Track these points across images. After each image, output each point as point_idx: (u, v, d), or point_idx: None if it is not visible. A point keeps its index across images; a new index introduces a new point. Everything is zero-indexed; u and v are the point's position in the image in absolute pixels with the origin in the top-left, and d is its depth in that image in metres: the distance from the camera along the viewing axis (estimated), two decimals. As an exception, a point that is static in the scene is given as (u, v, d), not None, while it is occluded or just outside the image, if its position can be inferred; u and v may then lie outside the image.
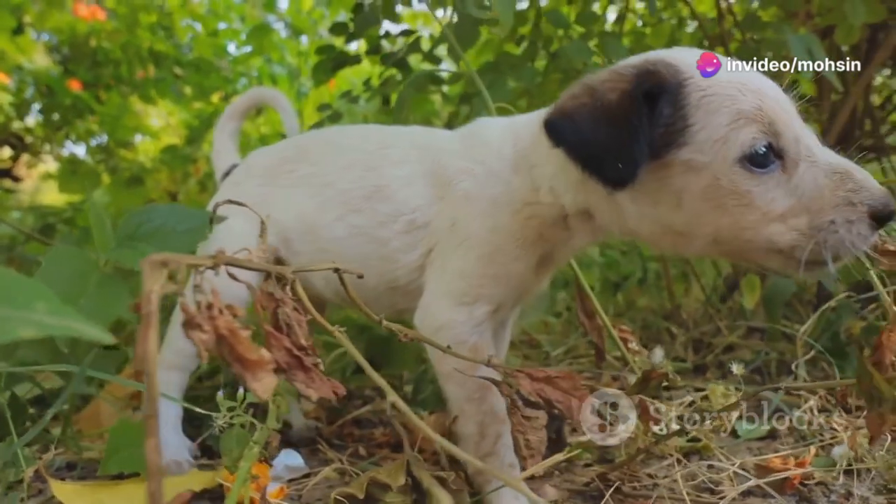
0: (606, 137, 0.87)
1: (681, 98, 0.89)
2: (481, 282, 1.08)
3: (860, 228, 0.87)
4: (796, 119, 0.92)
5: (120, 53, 3.41)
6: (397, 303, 1.21)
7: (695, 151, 0.88)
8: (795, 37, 1.75)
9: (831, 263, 0.87)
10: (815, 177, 0.88)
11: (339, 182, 1.24)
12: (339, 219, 1.22)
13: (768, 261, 0.92)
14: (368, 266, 1.19)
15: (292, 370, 0.62)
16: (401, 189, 1.17)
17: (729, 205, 0.89)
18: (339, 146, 1.31)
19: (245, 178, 1.40)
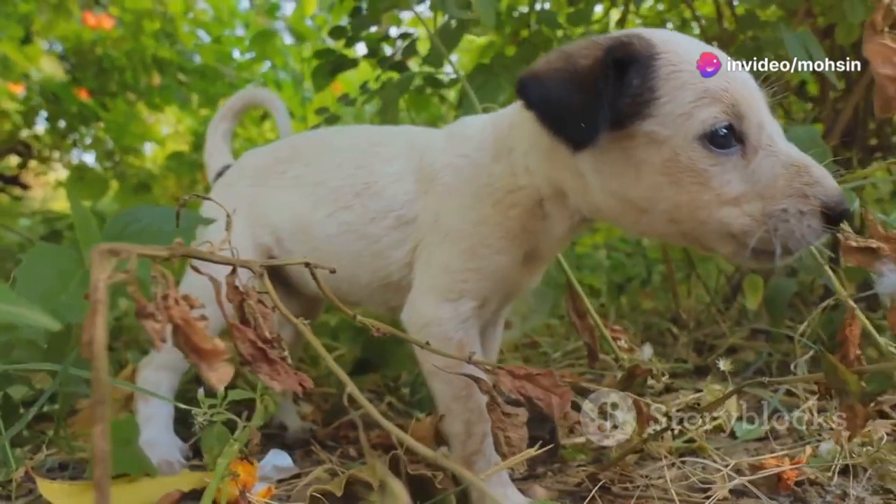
0: (572, 99, 0.89)
1: (651, 71, 0.90)
2: (465, 276, 1.08)
3: (811, 221, 0.87)
4: (763, 108, 0.92)
5: (125, 61, 3.44)
6: (390, 299, 1.22)
7: (658, 124, 0.89)
8: (792, 35, 1.74)
9: (779, 252, 0.88)
10: (772, 165, 0.89)
11: (331, 180, 1.25)
12: (330, 216, 1.23)
13: (721, 245, 0.92)
14: (361, 263, 1.20)
15: (257, 362, 0.62)
16: (390, 185, 1.18)
17: (685, 181, 0.90)
18: (331, 145, 1.32)
19: (237, 179, 1.41)
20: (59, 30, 3.76)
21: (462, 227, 1.09)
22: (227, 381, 0.52)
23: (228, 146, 1.62)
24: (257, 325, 0.63)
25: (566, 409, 0.89)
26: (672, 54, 0.91)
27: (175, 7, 3.76)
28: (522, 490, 1.13)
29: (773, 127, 0.92)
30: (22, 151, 3.68)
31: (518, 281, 1.16)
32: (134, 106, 3.92)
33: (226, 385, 0.52)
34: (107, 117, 3.60)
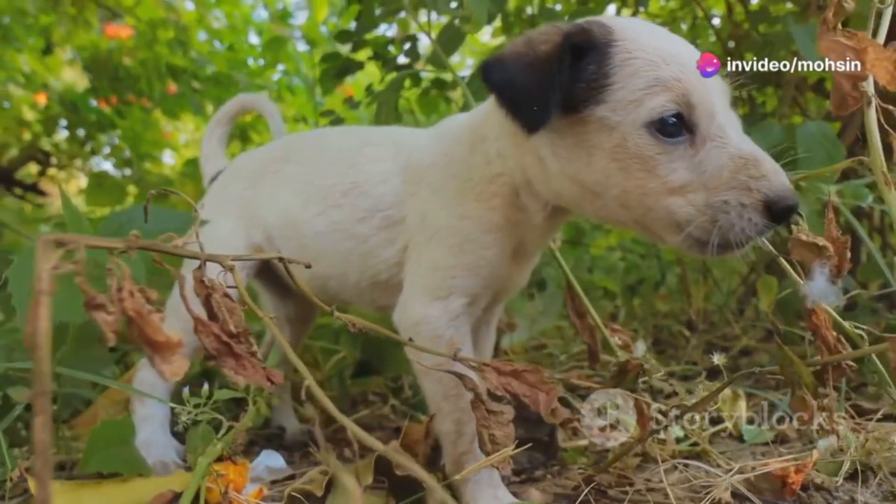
0: (529, 82, 0.90)
1: (606, 57, 0.91)
2: (454, 273, 1.08)
3: (751, 214, 0.86)
4: (718, 99, 0.92)
5: (139, 69, 3.50)
6: (379, 298, 1.22)
7: (610, 110, 0.90)
8: (801, 28, 1.70)
9: (715, 242, 0.87)
10: (719, 156, 0.89)
11: (321, 179, 1.26)
12: (319, 214, 1.23)
13: (667, 233, 0.93)
14: (349, 262, 1.21)
15: (222, 357, 0.61)
16: (377, 185, 1.19)
17: (633, 168, 0.91)
18: (322, 145, 1.33)
19: (232, 181, 1.42)
20: (78, 40, 3.84)
21: (448, 224, 1.09)
22: (181, 375, 0.51)
23: (224, 150, 1.63)
24: (222, 318, 0.62)
25: (552, 406, 0.87)
26: (629, 42, 0.92)
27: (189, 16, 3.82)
28: (518, 493, 1.11)
29: (727, 119, 0.92)
30: (41, 159, 3.75)
31: (506, 277, 1.15)
32: (150, 114, 3.98)
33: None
34: (123, 125, 3.66)
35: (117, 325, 0.49)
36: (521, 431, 1.36)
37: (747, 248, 0.90)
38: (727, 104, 0.95)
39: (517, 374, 0.87)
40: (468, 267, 1.08)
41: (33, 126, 3.78)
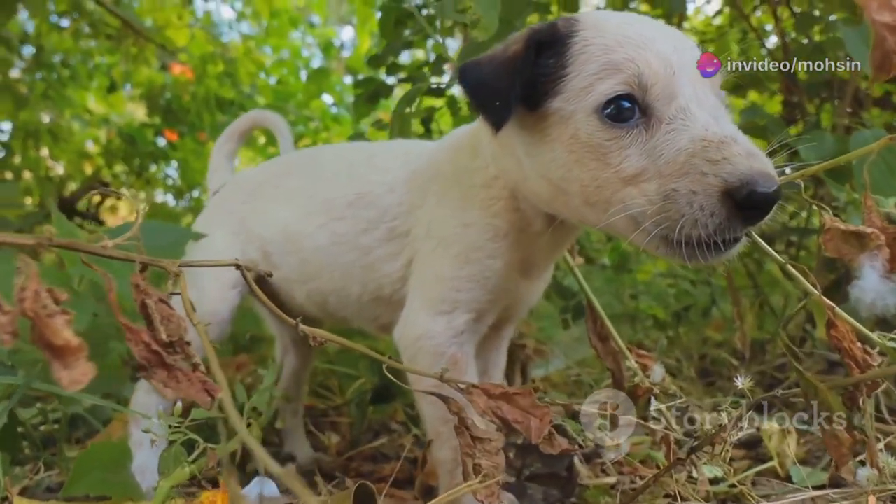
0: (495, 80, 0.88)
1: (565, 49, 0.87)
2: (458, 285, 1.02)
3: (703, 202, 0.75)
4: (685, 82, 0.82)
5: (191, 102, 3.64)
6: (381, 315, 1.17)
7: (564, 100, 0.86)
8: (851, 31, 1.57)
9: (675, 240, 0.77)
10: (678, 139, 0.79)
11: (324, 191, 1.23)
12: (321, 227, 1.20)
13: (629, 231, 0.83)
14: (351, 275, 1.17)
15: (151, 367, 0.56)
16: (383, 195, 1.15)
17: (586, 158, 0.85)
18: (325, 159, 1.32)
19: (231, 195, 1.41)
20: (138, 77, 4.05)
21: (452, 233, 1.05)
22: (83, 382, 0.46)
23: (231, 166, 1.63)
24: (153, 326, 0.57)
25: (545, 432, 0.78)
26: (590, 30, 0.87)
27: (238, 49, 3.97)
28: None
29: (699, 100, 0.82)
30: (100, 190, 3.93)
31: (514, 291, 1.08)
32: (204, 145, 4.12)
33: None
34: (175, 156, 3.80)
35: (13, 327, 0.45)
36: (537, 465, 1.27)
37: (729, 252, 0.78)
38: (705, 87, 0.85)
39: (508, 397, 0.79)
40: (473, 278, 1.03)
41: (95, 159, 3.98)
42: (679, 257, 0.80)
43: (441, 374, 0.81)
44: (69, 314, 0.48)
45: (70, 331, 0.46)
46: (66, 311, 0.48)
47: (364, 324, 1.25)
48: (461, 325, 1.04)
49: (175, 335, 0.58)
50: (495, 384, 0.81)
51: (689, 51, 0.87)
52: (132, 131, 3.76)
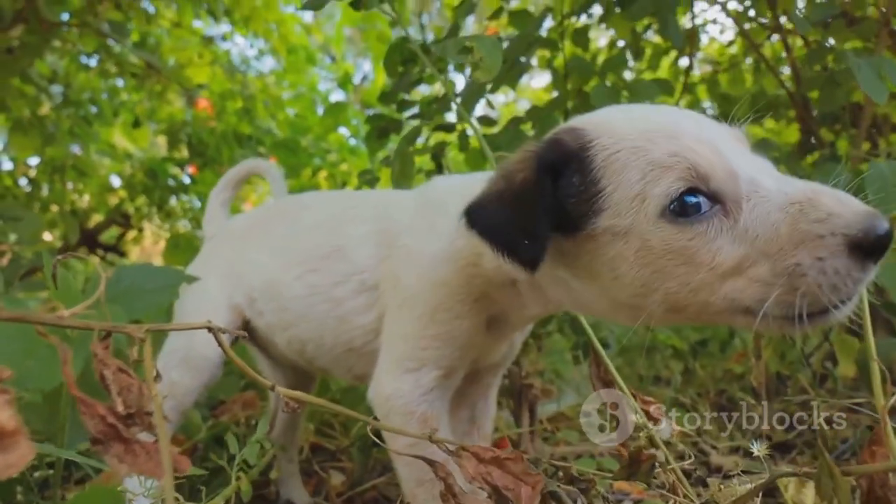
0: (512, 220, 0.82)
1: (587, 162, 0.80)
2: (424, 343, 1.00)
3: (836, 264, 0.69)
4: (732, 153, 0.77)
5: (210, 137, 3.72)
6: (354, 366, 1.16)
7: (614, 216, 0.79)
8: (864, 61, 1.54)
9: (804, 314, 0.70)
10: (767, 213, 0.73)
11: (303, 242, 1.24)
12: (298, 278, 1.21)
13: (737, 321, 0.77)
14: (325, 325, 1.17)
15: (108, 441, 0.55)
16: (356, 248, 1.15)
17: (668, 266, 0.77)
18: (308, 209, 1.32)
19: (222, 241, 1.44)
20: (161, 114, 4.15)
21: (420, 290, 1.02)
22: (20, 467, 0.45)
23: (226, 213, 1.65)
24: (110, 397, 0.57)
25: (537, 500, 0.75)
26: (605, 136, 0.81)
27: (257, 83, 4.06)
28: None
29: (754, 167, 0.77)
30: (121, 222, 4.02)
31: (483, 347, 1.06)
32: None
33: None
34: (195, 190, 3.88)
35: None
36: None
37: (851, 304, 0.73)
38: (746, 150, 0.81)
39: (499, 462, 0.77)
40: (440, 337, 1.00)
41: (118, 192, 4.08)
42: (799, 330, 0.74)
43: (429, 434, 0.79)
44: (8, 393, 0.47)
45: (9, 411, 0.46)
46: (5, 389, 0.47)
47: (340, 373, 1.26)
48: (430, 382, 1.01)
49: (134, 406, 0.57)
50: (485, 447, 0.79)
51: (708, 122, 0.84)
52: (154, 165, 3.85)
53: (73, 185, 3.82)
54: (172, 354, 1.28)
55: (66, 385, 0.55)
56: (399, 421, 0.99)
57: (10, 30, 2.83)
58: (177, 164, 3.85)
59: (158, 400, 0.57)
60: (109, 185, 4.12)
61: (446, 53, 1.20)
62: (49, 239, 4.07)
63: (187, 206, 4.08)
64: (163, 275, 1.15)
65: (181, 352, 1.26)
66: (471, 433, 1.21)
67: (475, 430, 1.22)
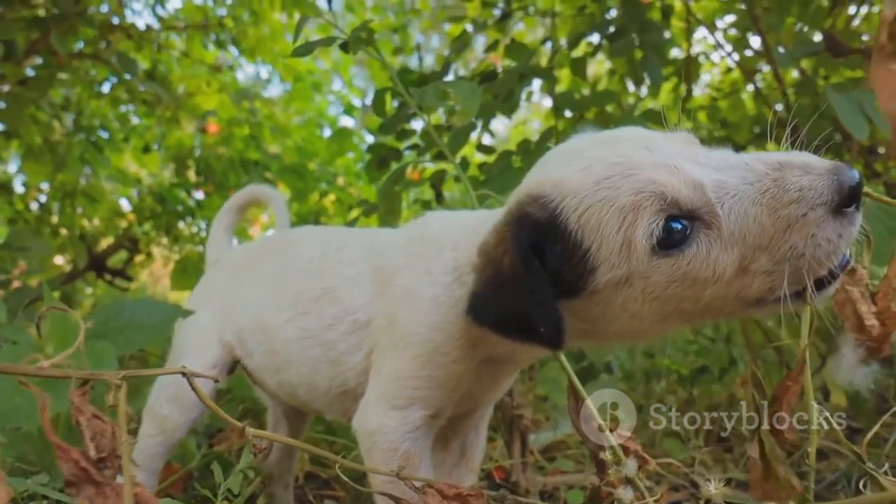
0: (517, 309, 0.84)
1: (562, 230, 0.82)
2: (416, 384, 1.01)
3: (827, 233, 0.75)
4: (689, 164, 0.80)
5: (217, 163, 3.80)
6: (350, 409, 1.15)
7: (609, 270, 0.81)
8: (844, 97, 1.56)
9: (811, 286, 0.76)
10: (744, 211, 0.77)
11: (294, 282, 1.24)
12: (289, 321, 1.21)
13: (754, 311, 0.83)
14: (318, 370, 1.17)
15: (80, 484, 0.58)
16: (348, 290, 1.15)
17: (678, 292, 0.81)
18: (301, 246, 1.32)
19: (217, 273, 1.45)
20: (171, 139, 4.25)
21: (417, 332, 1.02)
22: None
23: (230, 238, 1.67)
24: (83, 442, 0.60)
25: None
26: (569, 199, 0.82)
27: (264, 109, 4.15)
28: None
29: (712, 168, 0.80)
30: (129, 247, 4.09)
31: (474, 388, 1.07)
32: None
33: None
34: (202, 214, 3.95)
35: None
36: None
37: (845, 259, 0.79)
38: (700, 149, 0.84)
39: (462, 498, 0.79)
40: (433, 379, 1.01)
41: (127, 216, 4.16)
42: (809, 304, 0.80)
43: (397, 471, 0.82)
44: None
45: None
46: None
47: (335, 416, 1.26)
48: (416, 420, 1.03)
49: (106, 450, 0.60)
50: (450, 484, 0.81)
51: (656, 140, 0.84)
52: (162, 191, 3.93)
53: (83, 209, 3.90)
54: (163, 390, 1.30)
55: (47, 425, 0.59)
56: (382, 456, 1.00)
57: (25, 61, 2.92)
58: (185, 188, 3.92)
59: (128, 446, 0.60)
60: (118, 210, 4.20)
61: (423, 100, 1.23)
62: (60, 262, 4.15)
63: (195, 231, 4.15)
64: (161, 309, 1.19)
65: (172, 388, 1.29)
66: (459, 465, 1.23)
67: (464, 461, 1.23)
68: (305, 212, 4.29)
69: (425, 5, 3.90)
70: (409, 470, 0.91)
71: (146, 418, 1.33)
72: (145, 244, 4.07)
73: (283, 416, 1.56)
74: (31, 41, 2.82)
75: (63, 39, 2.44)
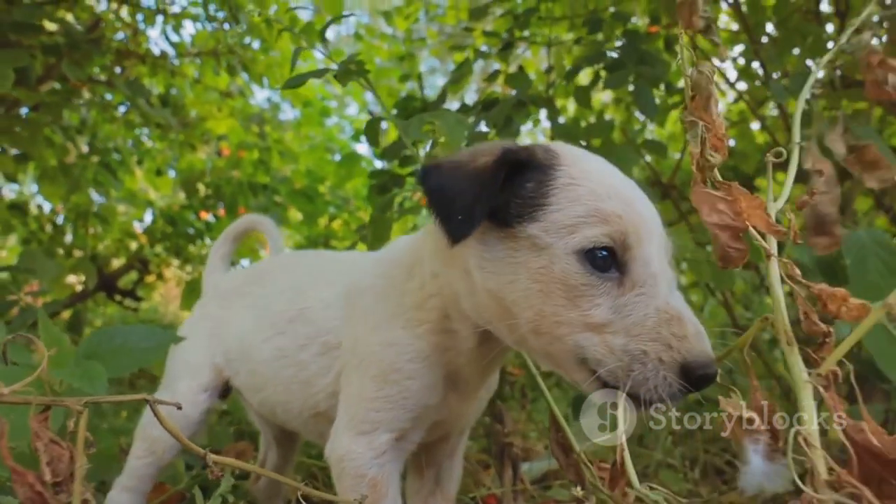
0: (459, 190, 0.89)
1: (548, 178, 0.90)
2: (377, 405, 1.03)
3: (668, 373, 0.82)
4: (656, 248, 0.88)
5: (227, 186, 3.86)
6: (325, 432, 1.18)
7: (542, 230, 0.87)
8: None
9: (625, 393, 0.83)
10: (647, 305, 0.84)
11: (274, 304, 1.28)
12: (266, 341, 1.25)
13: (573, 369, 0.88)
14: (291, 391, 1.20)
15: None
16: (320, 311, 1.19)
17: (555, 293, 0.87)
18: (285, 270, 1.37)
19: (210, 299, 1.48)
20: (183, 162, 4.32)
21: (373, 351, 1.06)
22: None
23: (226, 266, 1.71)
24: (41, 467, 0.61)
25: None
26: (574, 168, 0.90)
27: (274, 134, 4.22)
28: None
29: (663, 271, 0.88)
30: (140, 268, 4.15)
31: (441, 409, 1.08)
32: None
33: None
34: (211, 235, 4.00)
35: None
36: None
37: (652, 408, 0.85)
38: (665, 258, 0.91)
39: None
40: (391, 398, 1.03)
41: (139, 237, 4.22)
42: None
43: (360, 500, 0.82)
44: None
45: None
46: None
47: (312, 438, 1.28)
48: (382, 444, 1.04)
49: (62, 475, 0.62)
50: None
51: (657, 218, 0.94)
52: (173, 213, 3.99)
53: (95, 230, 3.97)
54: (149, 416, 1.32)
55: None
56: (350, 483, 1.01)
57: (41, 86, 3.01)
58: (195, 211, 3.98)
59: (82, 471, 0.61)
60: (131, 231, 4.27)
61: (408, 132, 1.25)
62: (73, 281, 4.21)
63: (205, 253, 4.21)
64: (152, 335, 1.21)
65: (163, 409, 1.30)
66: (434, 493, 1.23)
67: (439, 490, 1.23)
68: (315, 235, 4.33)
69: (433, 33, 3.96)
70: (377, 496, 0.92)
71: (137, 440, 1.35)
72: (156, 265, 4.12)
73: (274, 441, 1.57)
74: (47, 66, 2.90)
75: (75, 66, 2.51)
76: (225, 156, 4.45)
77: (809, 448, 0.76)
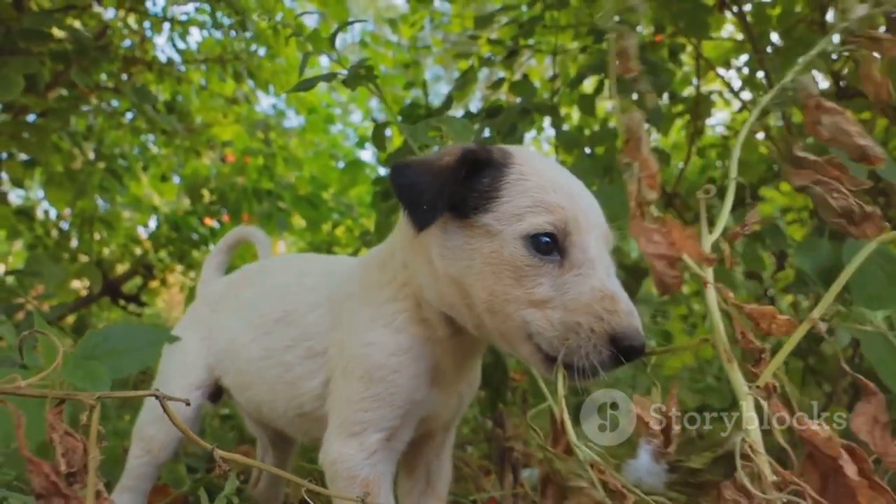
0: (424, 184, 0.97)
1: (501, 174, 1.00)
2: (364, 405, 1.06)
3: (598, 342, 0.90)
4: (595, 237, 0.98)
5: (231, 192, 3.89)
6: (309, 430, 1.22)
7: (495, 219, 0.98)
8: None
9: (561, 360, 0.92)
10: (582, 283, 0.94)
11: (261, 306, 1.30)
12: (253, 340, 1.27)
13: (519, 343, 0.97)
14: (276, 390, 1.22)
15: (48, 496, 0.61)
16: (305, 315, 1.22)
17: (504, 273, 0.96)
18: (273, 273, 1.39)
19: (202, 304, 1.51)
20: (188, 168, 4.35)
21: (356, 353, 1.09)
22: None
23: (220, 276, 1.73)
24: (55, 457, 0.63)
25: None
26: (525, 166, 1.00)
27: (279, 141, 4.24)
28: None
29: (601, 257, 0.97)
30: (144, 273, 4.17)
31: (426, 404, 1.10)
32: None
33: None
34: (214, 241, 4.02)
35: None
36: None
37: (589, 377, 0.92)
38: (605, 246, 1.01)
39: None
40: (379, 397, 1.06)
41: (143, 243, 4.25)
42: (552, 374, 0.96)
43: (362, 498, 0.83)
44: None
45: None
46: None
47: (297, 436, 1.31)
48: (373, 445, 1.06)
49: (76, 466, 0.63)
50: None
51: (600, 214, 1.04)
52: (177, 219, 4.02)
53: (100, 236, 3.99)
54: (150, 411, 1.34)
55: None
56: (343, 485, 1.03)
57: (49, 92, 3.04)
58: (199, 216, 4.01)
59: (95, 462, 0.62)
60: (135, 237, 4.29)
61: (415, 137, 1.27)
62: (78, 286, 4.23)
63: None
64: (147, 335, 1.22)
65: (158, 408, 1.32)
66: (426, 493, 1.24)
67: (430, 490, 1.25)
68: (318, 241, 4.36)
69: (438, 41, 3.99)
70: (370, 497, 0.93)
71: (134, 439, 1.37)
72: (160, 271, 4.15)
73: (270, 444, 1.59)
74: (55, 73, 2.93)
75: (83, 73, 2.54)
76: (230, 162, 4.48)
77: (755, 454, 0.85)
